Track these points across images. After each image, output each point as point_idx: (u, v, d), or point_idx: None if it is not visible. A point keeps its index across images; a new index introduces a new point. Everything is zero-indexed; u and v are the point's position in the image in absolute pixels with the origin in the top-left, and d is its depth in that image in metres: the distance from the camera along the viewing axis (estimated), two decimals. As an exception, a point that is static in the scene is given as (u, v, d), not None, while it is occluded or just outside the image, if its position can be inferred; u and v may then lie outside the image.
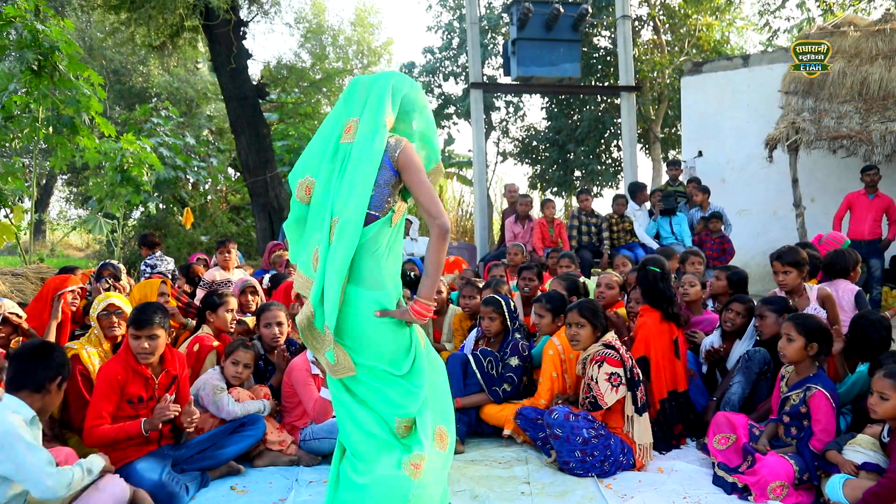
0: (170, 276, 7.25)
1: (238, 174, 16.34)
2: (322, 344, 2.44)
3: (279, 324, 4.11)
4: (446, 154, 18.93)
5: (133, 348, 3.27)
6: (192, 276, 6.35)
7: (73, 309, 4.48)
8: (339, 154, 2.47)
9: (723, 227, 7.86)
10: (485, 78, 16.37)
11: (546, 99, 18.63)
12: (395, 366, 2.45)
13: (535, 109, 28.53)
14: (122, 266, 5.83)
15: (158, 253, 7.76)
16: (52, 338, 4.00)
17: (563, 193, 19.15)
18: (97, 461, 2.77)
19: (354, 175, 2.39)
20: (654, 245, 7.98)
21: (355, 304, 2.41)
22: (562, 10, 10.56)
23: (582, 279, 5.12)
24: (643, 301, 4.20)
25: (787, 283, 4.22)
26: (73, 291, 4.38)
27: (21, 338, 3.81)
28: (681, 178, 9.75)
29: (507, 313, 4.24)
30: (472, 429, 4.06)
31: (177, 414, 3.26)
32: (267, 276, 6.08)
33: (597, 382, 3.45)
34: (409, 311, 2.43)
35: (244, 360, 3.70)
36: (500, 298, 4.28)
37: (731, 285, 4.70)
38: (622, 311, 4.73)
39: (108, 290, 4.93)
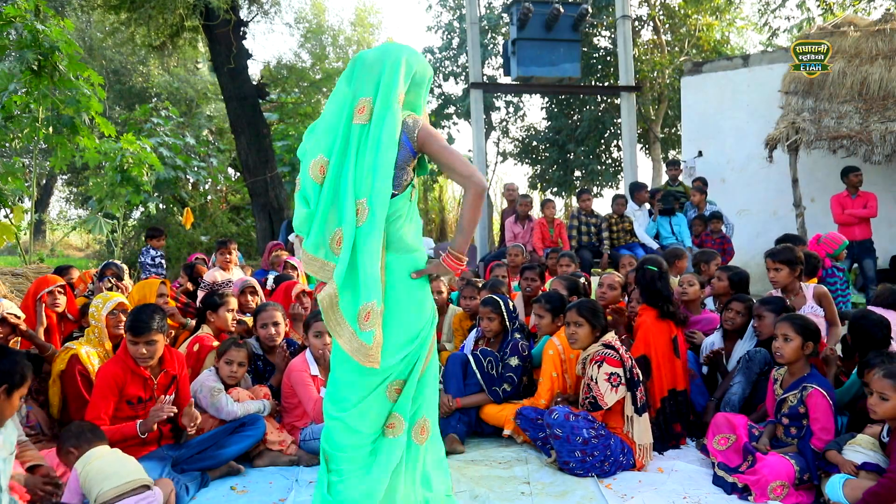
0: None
1: (238, 174, 16.33)
2: (344, 328, 2.40)
3: (275, 324, 4.10)
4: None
5: (131, 353, 3.28)
6: (196, 275, 6.35)
7: (59, 310, 4.46)
8: (352, 135, 2.43)
9: (724, 228, 7.86)
10: (485, 78, 16.37)
11: (546, 99, 18.63)
12: (415, 338, 2.49)
13: (535, 109, 28.58)
14: (124, 266, 5.84)
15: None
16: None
17: (563, 193, 19.16)
18: None
19: (377, 157, 2.37)
20: (654, 245, 7.98)
21: (391, 268, 2.46)
22: (562, 10, 10.56)
23: (583, 280, 5.12)
24: (642, 300, 4.20)
25: (779, 281, 4.22)
26: (51, 292, 4.37)
27: (19, 338, 3.80)
28: (681, 178, 9.76)
29: (505, 313, 4.24)
30: (472, 429, 4.06)
31: (172, 414, 3.26)
32: (271, 277, 6.08)
33: (597, 383, 3.45)
34: (441, 262, 2.49)
35: (238, 358, 3.69)
36: (498, 299, 4.28)
37: (733, 286, 4.69)
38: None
39: (110, 289, 4.94)
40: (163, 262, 7.91)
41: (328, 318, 2.44)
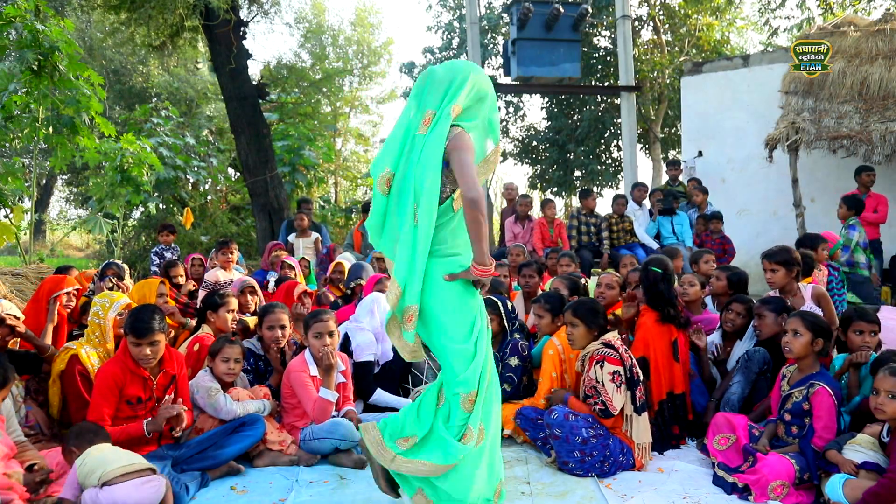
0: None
1: (238, 174, 16.31)
2: (396, 326, 2.66)
3: (282, 327, 4.11)
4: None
5: (134, 355, 3.28)
6: (174, 275, 6.28)
7: (69, 310, 4.47)
8: (415, 146, 2.61)
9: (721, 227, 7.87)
10: (485, 78, 16.33)
11: (546, 99, 18.64)
12: (457, 340, 2.61)
13: (535, 109, 28.62)
14: (125, 266, 5.83)
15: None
16: (48, 340, 4.00)
17: (563, 193, 19.16)
18: None
19: (426, 164, 2.53)
20: (654, 245, 7.98)
21: (430, 271, 2.60)
22: (562, 10, 10.57)
23: (583, 280, 5.12)
24: (644, 301, 4.19)
25: (775, 282, 4.22)
26: (68, 293, 4.37)
27: (18, 339, 3.80)
28: (681, 178, 9.76)
29: (504, 314, 4.24)
30: (471, 429, 4.05)
31: (182, 412, 3.28)
32: (272, 280, 6.06)
33: (603, 385, 3.41)
34: (471, 269, 2.60)
35: (233, 355, 3.69)
36: (496, 299, 4.27)
37: (732, 286, 4.70)
38: (620, 311, 4.72)
39: (111, 289, 4.93)
40: (164, 257, 7.89)
41: (390, 318, 2.66)
